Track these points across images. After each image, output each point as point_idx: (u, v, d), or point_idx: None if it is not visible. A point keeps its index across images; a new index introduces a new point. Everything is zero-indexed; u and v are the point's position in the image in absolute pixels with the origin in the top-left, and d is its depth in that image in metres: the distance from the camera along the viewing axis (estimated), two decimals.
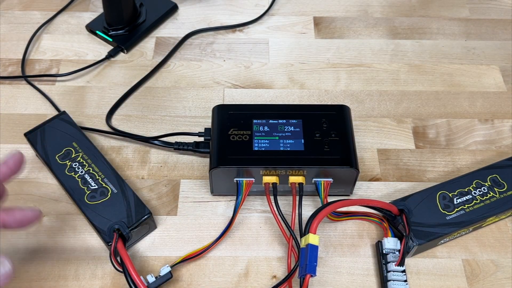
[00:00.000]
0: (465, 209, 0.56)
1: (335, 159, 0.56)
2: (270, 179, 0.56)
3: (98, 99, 0.70)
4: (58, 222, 0.59)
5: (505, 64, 0.75)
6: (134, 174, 0.63)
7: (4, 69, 0.74)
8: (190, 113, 0.69)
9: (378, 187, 0.62)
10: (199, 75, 0.74)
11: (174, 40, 0.78)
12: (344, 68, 0.75)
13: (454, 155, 0.65)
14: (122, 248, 0.52)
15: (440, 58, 0.76)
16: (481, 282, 0.55)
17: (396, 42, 0.78)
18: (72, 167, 0.58)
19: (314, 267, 0.48)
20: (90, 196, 0.56)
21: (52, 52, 0.76)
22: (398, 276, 0.53)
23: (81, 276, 0.55)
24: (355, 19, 0.81)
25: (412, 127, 0.68)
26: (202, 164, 0.64)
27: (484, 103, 0.70)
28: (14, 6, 0.83)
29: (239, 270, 0.56)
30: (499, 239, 0.58)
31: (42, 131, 0.61)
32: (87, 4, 0.83)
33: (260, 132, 0.58)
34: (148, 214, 0.55)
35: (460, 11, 0.83)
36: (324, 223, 0.59)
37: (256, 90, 0.72)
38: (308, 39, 0.78)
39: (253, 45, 0.77)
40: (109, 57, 0.75)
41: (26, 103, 0.70)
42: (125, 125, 0.68)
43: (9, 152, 0.48)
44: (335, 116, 0.59)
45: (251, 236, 0.58)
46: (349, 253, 0.57)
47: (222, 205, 0.60)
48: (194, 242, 0.57)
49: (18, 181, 0.62)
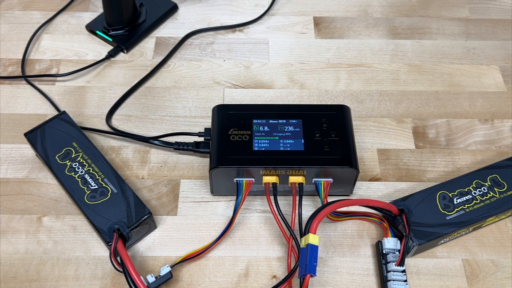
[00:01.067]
0: (465, 209, 0.56)
1: (335, 159, 0.56)
2: (270, 179, 0.56)
3: (98, 99, 0.70)
4: (58, 222, 0.59)
5: (505, 64, 0.75)
6: (134, 174, 0.63)
7: (4, 69, 0.74)
8: (190, 113, 0.69)
9: (378, 187, 0.62)
10: (199, 75, 0.74)
11: (174, 40, 0.78)
12: (344, 68, 0.75)
13: (454, 155, 0.65)
14: (122, 248, 0.52)
15: (440, 58, 0.76)
16: (481, 282, 0.55)
17: (396, 42, 0.78)
18: (72, 167, 0.58)
19: (314, 267, 0.48)
20: (90, 196, 0.56)
21: (52, 52, 0.76)
22: (398, 276, 0.53)
23: (81, 276, 0.55)
24: (355, 19, 0.81)
25: (412, 127, 0.68)
26: (202, 164, 0.64)
27: (484, 103, 0.70)
28: (14, 6, 0.83)
29: (239, 270, 0.56)
30: (499, 239, 0.58)
31: (42, 131, 0.61)
32: (87, 4, 0.83)
33: (260, 132, 0.58)
34: (148, 214, 0.55)
35: (460, 11, 0.83)
36: (324, 223, 0.59)
37: (256, 90, 0.72)
38: (308, 39, 0.78)
39: (253, 45, 0.77)
40: (109, 57, 0.75)
41: (26, 103, 0.70)
42: (125, 125, 0.68)
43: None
44: (335, 116, 0.59)
45: (251, 236, 0.58)
46: (349, 253, 0.57)
47: (222, 205, 0.60)
48: (194, 242, 0.57)
49: (18, 181, 0.62)
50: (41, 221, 0.59)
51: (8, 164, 0.63)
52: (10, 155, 0.64)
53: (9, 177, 0.62)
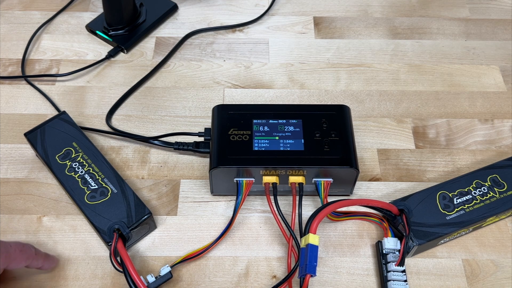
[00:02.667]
0: (465, 209, 0.56)
1: (335, 159, 0.56)
2: (270, 179, 0.56)
3: (98, 99, 0.70)
4: (58, 222, 0.59)
5: (505, 64, 0.75)
6: (134, 174, 0.63)
7: (4, 69, 0.74)
8: (190, 113, 0.69)
9: (378, 187, 0.62)
10: (199, 75, 0.74)
11: (174, 40, 0.78)
12: (344, 68, 0.74)
13: (454, 155, 0.65)
14: (122, 248, 0.52)
15: (440, 58, 0.76)
16: (481, 282, 0.55)
17: (396, 42, 0.78)
18: (72, 167, 0.58)
19: (314, 267, 0.48)
20: (90, 196, 0.56)
21: (52, 52, 0.76)
22: (398, 276, 0.53)
23: (81, 276, 0.55)
24: (355, 19, 0.81)
25: (412, 127, 0.68)
26: (202, 164, 0.64)
27: (484, 103, 0.70)
28: (14, 6, 0.83)
29: (239, 270, 0.56)
30: (499, 239, 0.58)
31: (42, 131, 0.61)
32: (87, 4, 0.83)
33: (260, 132, 0.58)
34: (148, 214, 0.55)
35: (460, 11, 0.83)
36: (324, 223, 0.59)
37: (256, 90, 0.72)
38: (308, 39, 0.78)
39: (253, 45, 0.77)
40: (109, 57, 0.75)
41: (26, 103, 0.70)
42: (125, 125, 0.68)
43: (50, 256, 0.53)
44: (335, 116, 0.59)
45: (251, 236, 0.58)
46: (349, 253, 0.57)
47: (222, 205, 0.60)
48: (194, 242, 0.57)
49: (18, 181, 0.62)
50: (41, 221, 0.59)
51: (8, 164, 0.63)
52: (10, 155, 0.64)
53: (9, 177, 0.62)
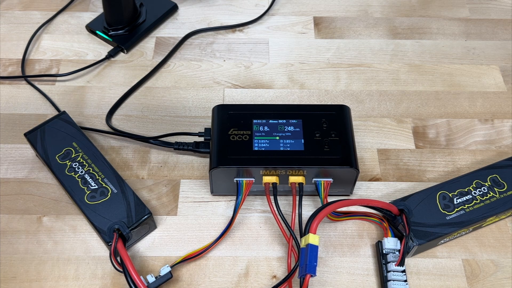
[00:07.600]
0: (465, 209, 0.56)
1: (335, 159, 0.56)
2: (270, 179, 0.56)
3: (98, 99, 0.70)
4: (58, 222, 0.59)
5: (505, 64, 0.75)
6: (134, 174, 0.63)
7: (4, 69, 0.74)
8: (190, 113, 0.69)
9: (378, 187, 0.62)
10: (199, 75, 0.74)
11: (174, 40, 0.78)
12: (344, 68, 0.75)
13: (454, 155, 0.65)
14: (122, 248, 0.52)
15: (440, 58, 0.76)
16: (481, 282, 0.55)
17: (396, 42, 0.78)
18: (72, 167, 0.58)
19: (314, 267, 0.48)
20: (90, 196, 0.56)
21: (52, 52, 0.76)
22: (398, 276, 0.53)
23: (81, 276, 0.55)
24: (355, 19, 0.81)
25: (412, 127, 0.68)
26: (202, 164, 0.64)
27: (484, 103, 0.70)
28: (14, 6, 0.83)
29: (239, 270, 0.56)
30: (499, 239, 0.58)
31: (42, 131, 0.61)
32: (87, 4, 0.83)
33: (260, 132, 0.58)
34: (148, 214, 0.55)
35: (460, 11, 0.83)
36: (324, 223, 0.59)
37: (256, 90, 0.72)
38: (308, 39, 0.78)
39: (253, 45, 0.77)
40: (109, 57, 0.75)
41: (26, 103, 0.70)
42: (125, 125, 0.68)
43: None
44: (335, 116, 0.59)
45: (251, 236, 0.58)
46: (349, 253, 0.57)
47: (222, 205, 0.60)
48: (194, 242, 0.57)
49: (18, 181, 0.62)
50: (41, 221, 0.59)
51: (8, 164, 0.63)
52: (10, 155, 0.64)
53: (9, 177, 0.62)
